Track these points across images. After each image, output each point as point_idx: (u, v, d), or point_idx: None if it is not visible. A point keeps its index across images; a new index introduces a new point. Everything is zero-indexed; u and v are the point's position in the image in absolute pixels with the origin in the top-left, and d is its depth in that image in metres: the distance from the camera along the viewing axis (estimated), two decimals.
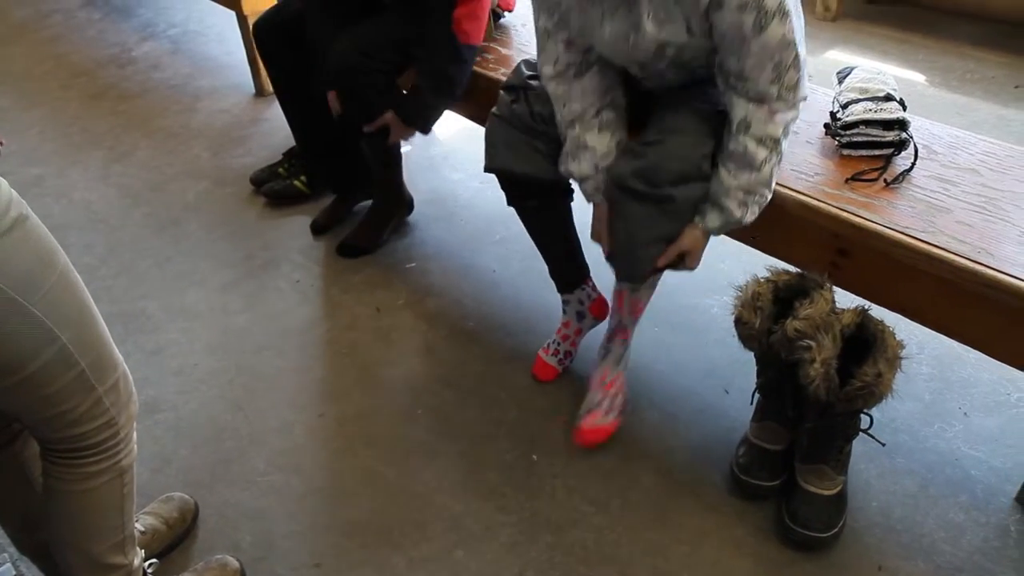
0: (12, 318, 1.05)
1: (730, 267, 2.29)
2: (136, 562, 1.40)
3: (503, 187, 1.83)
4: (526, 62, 1.81)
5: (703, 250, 1.67)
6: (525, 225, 1.88)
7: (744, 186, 1.56)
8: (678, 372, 1.99)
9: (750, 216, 1.60)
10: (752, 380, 1.71)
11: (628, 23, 1.50)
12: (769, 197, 1.59)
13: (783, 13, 1.38)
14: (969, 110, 3.08)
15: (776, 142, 1.53)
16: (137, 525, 1.54)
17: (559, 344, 1.99)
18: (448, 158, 2.87)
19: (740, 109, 1.51)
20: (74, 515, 1.28)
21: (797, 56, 1.44)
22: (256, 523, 1.70)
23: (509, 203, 1.85)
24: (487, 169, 1.77)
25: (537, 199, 1.82)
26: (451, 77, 2.10)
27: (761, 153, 1.53)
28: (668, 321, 2.12)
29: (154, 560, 1.53)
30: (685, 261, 1.67)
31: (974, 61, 3.40)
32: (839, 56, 3.46)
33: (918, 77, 3.31)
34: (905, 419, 1.83)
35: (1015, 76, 3.27)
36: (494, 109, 1.77)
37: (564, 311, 2.00)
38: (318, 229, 2.51)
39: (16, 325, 1.06)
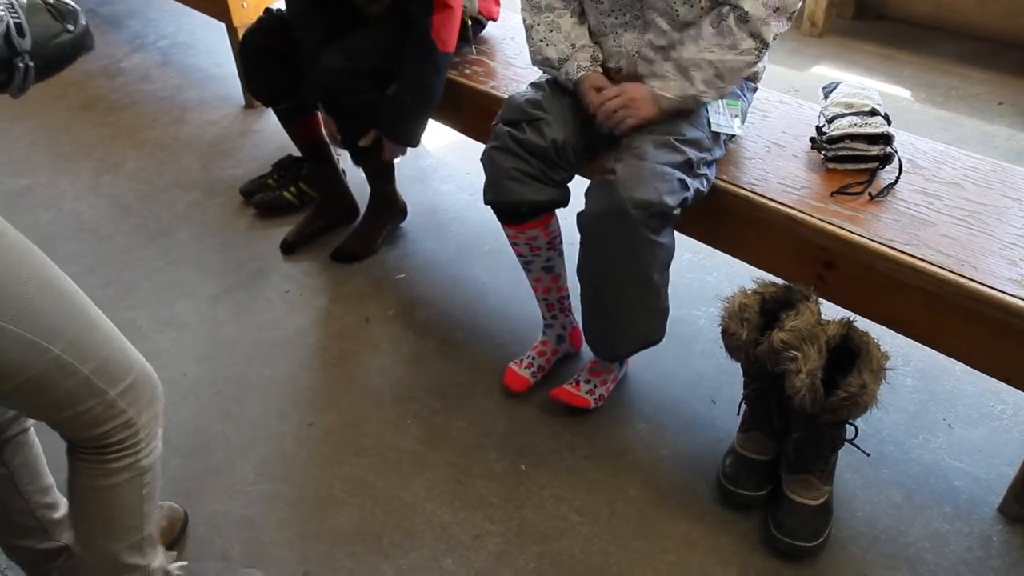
0: None
1: (717, 279, 2.31)
2: (155, 563, 1.39)
3: (502, 213, 1.80)
4: (520, 97, 1.78)
5: (641, 116, 1.64)
6: (516, 249, 1.88)
7: (716, 64, 1.60)
8: (665, 383, 2.00)
9: (708, 96, 1.64)
10: (739, 391, 1.73)
11: None
12: (724, 95, 1.65)
13: None
14: (954, 125, 3.12)
15: (764, 44, 1.60)
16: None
17: (533, 359, 2.00)
18: (438, 170, 2.88)
19: (747, 6, 1.56)
20: (94, 512, 1.28)
21: None
22: (245, 531, 1.69)
23: (505, 223, 1.83)
24: (491, 202, 1.76)
25: (533, 212, 1.80)
26: (431, 87, 2.13)
27: (748, 44, 1.59)
28: None
29: (184, 562, 1.53)
30: (618, 105, 1.65)
31: (959, 78, 3.45)
32: (825, 71, 3.50)
33: (903, 93, 3.35)
34: (890, 430, 1.84)
35: (999, 93, 3.32)
36: (491, 143, 1.75)
37: (544, 332, 2.02)
38: (287, 248, 2.50)
39: None
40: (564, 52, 1.73)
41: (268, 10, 2.32)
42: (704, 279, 2.31)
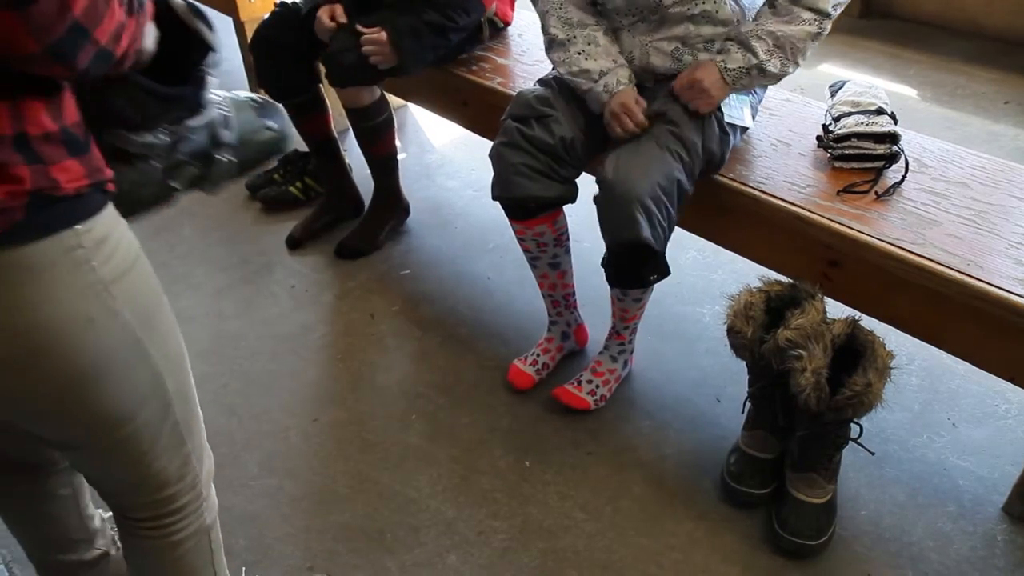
0: (134, 362, 0.96)
1: (722, 277, 2.31)
2: None
3: (509, 209, 1.80)
4: (530, 93, 1.78)
5: (717, 95, 1.65)
6: (523, 245, 1.88)
7: (776, 33, 1.61)
8: (670, 380, 2.00)
9: (774, 66, 1.63)
10: (743, 389, 1.73)
11: None
12: (792, 69, 1.64)
13: None
14: (959, 124, 3.11)
15: (824, 15, 1.61)
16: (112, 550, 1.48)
17: (538, 356, 2.00)
18: (443, 167, 2.88)
19: None
20: None
21: None
22: (250, 527, 1.70)
23: (512, 218, 1.83)
24: (498, 197, 1.75)
25: (543, 210, 1.79)
26: (453, 23, 2.13)
27: (806, 15, 1.60)
28: (660, 329, 2.13)
29: None
30: (692, 99, 1.64)
31: (965, 77, 3.44)
32: (832, 70, 3.50)
33: (910, 92, 3.34)
34: (895, 429, 1.84)
35: (1005, 92, 3.31)
36: (499, 139, 1.74)
37: (550, 329, 2.03)
38: (293, 244, 2.51)
39: (135, 370, 0.97)
40: (605, 66, 1.71)
41: (283, 3, 2.31)
42: (709, 277, 2.31)
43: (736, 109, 1.72)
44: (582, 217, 1.93)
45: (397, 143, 2.46)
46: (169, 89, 1.04)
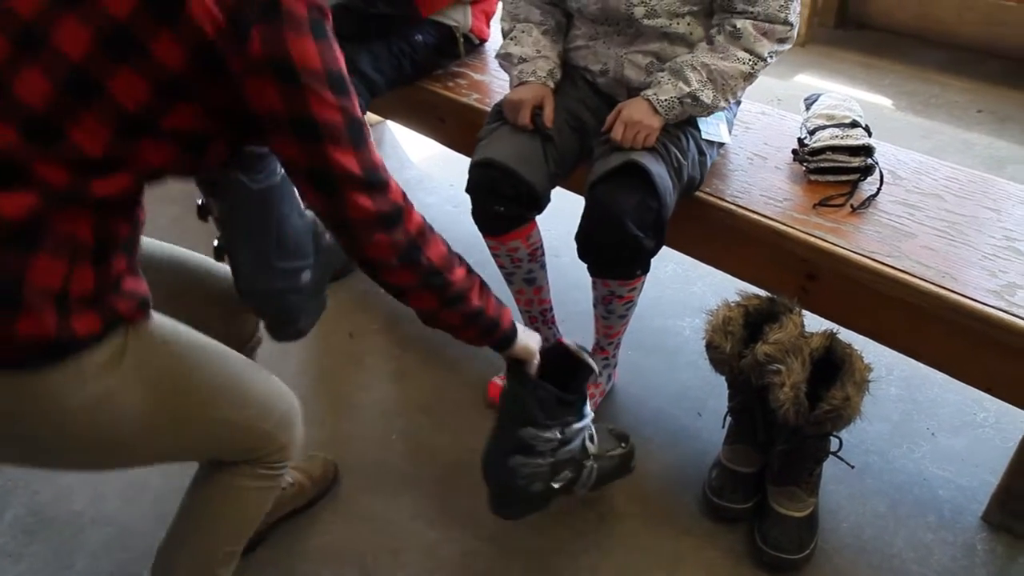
0: (172, 425, 1.10)
1: (701, 289, 2.32)
2: None
3: (483, 224, 1.78)
4: (485, 152, 1.73)
5: (654, 125, 1.61)
6: (497, 261, 1.87)
7: (710, 66, 1.62)
8: (652, 395, 2.00)
9: (707, 96, 1.62)
10: (724, 402, 1.73)
11: None
12: (723, 105, 1.65)
13: None
14: (934, 133, 3.15)
15: (759, 59, 1.62)
16: (287, 478, 1.59)
17: None
18: (422, 182, 2.88)
19: (738, 23, 1.59)
20: (217, 509, 1.28)
21: None
22: None
23: (476, 215, 1.77)
24: (476, 162, 1.72)
25: (505, 205, 1.72)
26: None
27: (741, 55, 1.61)
28: (641, 343, 2.13)
29: None
30: (631, 139, 1.61)
31: (939, 86, 3.48)
32: (808, 80, 3.53)
33: (885, 101, 3.38)
34: (874, 440, 1.85)
35: (978, 101, 3.36)
36: (468, 183, 1.74)
37: None
38: None
39: (173, 432, 1.11)
40: (527, 53, 1.77)
41: None
42: (688, 290, 2.32)
43: (712, 126, 1.73)
44: (560, 231, 1.93)
45: None
46: (566, 395, 1.43)
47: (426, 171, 2.95)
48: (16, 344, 0.89)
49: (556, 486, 1.52)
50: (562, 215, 1.93)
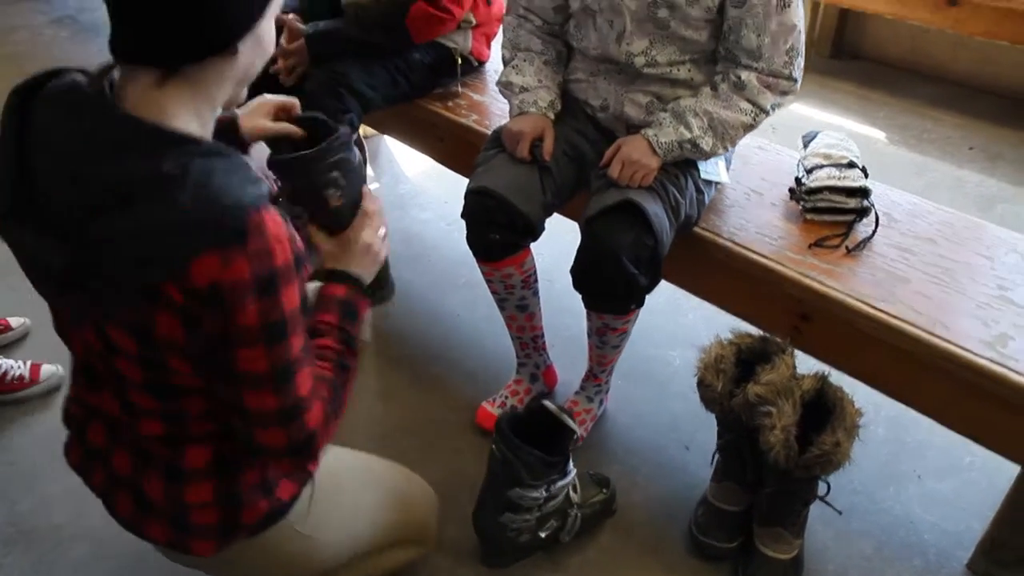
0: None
1: (693, 320, 2.31)
2: None
3: (477, 249, 1.77)
4: (482, 180, 1.72)
5: (652, 164, 1.61)
6: (490, 287, 1.87)
7: (712, 113, 1.62)
8: (639, 425, 2.00)
9: (706, 144, 1.62)
10: (713, 435, 1.73)
11: None
12: (721, 152, 1.66)
13: None
14: (926, 170, 3.17)
15: (761, 110, 1.62)
16: None
17: (507, 398, 1.98)
18: (416, 197, 2.87)
19: (742, 75, 1.60)
20: None
21: (802, 45, 1.59)
22: None
23: (471, 241, 1.77)
24: (472, 190, 1.71)
25: (500, 233, 1.72)
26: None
27: (744, 105, 1.61)
28: (631, 372, 2.13)
29: None
30: (628, 177, 1.61)
31: (932, 121, 3.51)
32: (802, 110, 3.55)
33: (878, 135, 3.40)
34: (861, 480, 1.85)
35: (970, 138, 3.38)
36: (465, 209, 1.74)
37: (518, 370, 2.01)
38: None
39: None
40: (528, 83, 1.77)
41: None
42: (680, 320, 2.32)
43: (711, 164, 1.73)
44: (553, 256, 1.93)
45: (369, 172, 2.44)
46: (551, 458, 1.52)
47: (420, 186, 2.94)
48: (244, 527, 1.09)
49: (543, 535, 1.62)
50: (556, 240, 1.93)
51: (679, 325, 2.30)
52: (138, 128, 0.88)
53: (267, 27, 0.97)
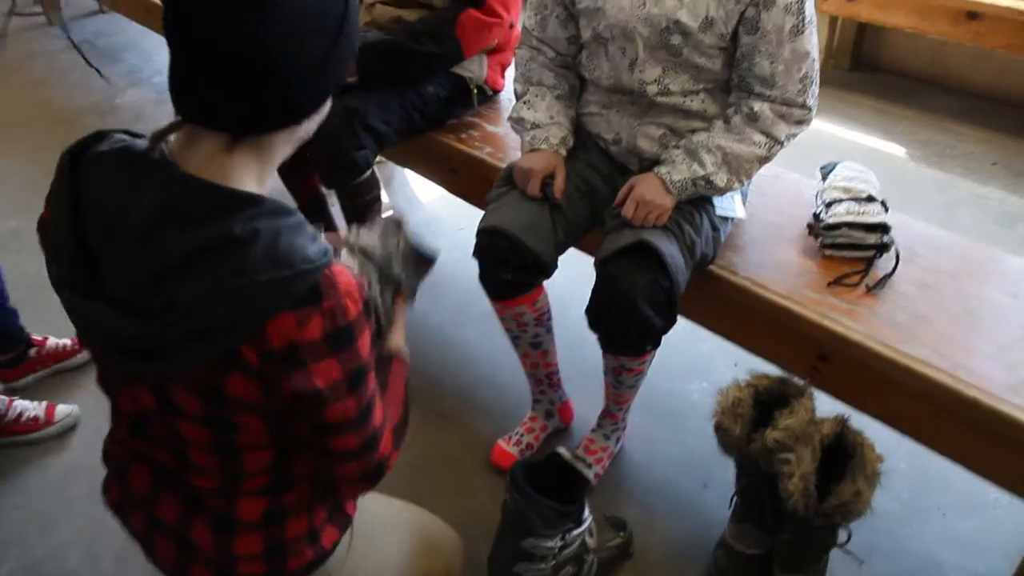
0: None
1: (709, 349, 2.28)
2: None
3: (484, 253, 1.72)
4: (494, 219, 1.71)
5: (666, 204, 1.59)
6: (504, 324, 1.85)
7: (725, 148, 1.59)
8: (656, 462, 1.97)
9: (720, 180, 1.60)
10: (731, 473, 1.70)
11: None
12: (736, 186, 1.64)
13: (813, 24, 1.55)
14: (948, 187, 3.12)
15: (775, 142, 1.60)
16: None
17: (522, 436, 1.97)
18: (430, 225, 2.86)
19: (755, 106, 1.58)
20: None
21: (816, 73, 1.58)
22: None
23: (483, 279, 1.76)
24: (483, 229, 1.70)
25: (512, 273, 1.70)
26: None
27: (757, 138, 1.59)
28: (648, 407, 2.10)
29: None
30: (642, 218, 1.59)
31: (954, 136, 3.45)
32: (821, 125, 3.50)
33: (898, 150, 3.35)
34: (883, 517, 1.81)
35: (993, 152, 3.33)
36: (476, 246, 1.73)
37: (533, 407, 2.00)
38: None
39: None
40: (540, 120, 1.75)
41: None
42: (696, 349, 2.29)
43: (727, 200, 1.71)
44: (569, 283, 1.90)
45: (384, 199, 2.43)
46: (566, 507, 1.50)
47: (435, 213, 2.93)
48: (289, 575, 1.09)
49: None
50: (573, 266, 1.90)
51: (697, 354, 2.27)
52: (207, 191, 0.88)
53: (329, 101, 0.99)
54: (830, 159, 1.97)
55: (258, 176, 0.95)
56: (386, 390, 1.11)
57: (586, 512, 1.58)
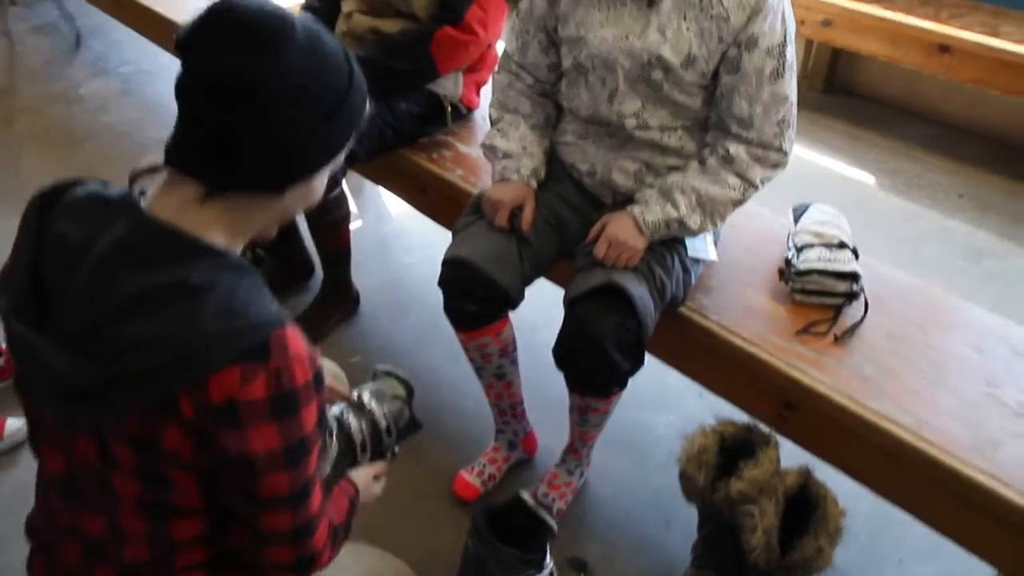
0: None
1: (676, 382, 2.26)
2: None
3: (448, 284, 1.70)
4: (460, 250, 1.69)
5: (639, 245, 1.58)
6: (467, 355, 1.83)
7: (700, 190, 1.58)
8: (620, 498, 1.96)
9: (694, 222, 1.59)
10: (694, 512, 1.69)
11: (639, 22, 1.54)
12: (710, 228, 1.63)
13: (794, 70, 1.53)
14: (916, 217, 3.15)
15: (750, 185, 1.59)
16: None
17: (484, 466, 1.95)
18: (400, 239, 2.82)
19: (731, 148, 1.56)
20: None
21: (794, 118, 1.58)
22: None
23: (447, 310, 1.74)
24: (448, 259, 1.68)
25: (476, 304, 1.68)
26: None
27: (732, 180, 1.58)
28: (613, 439, 2.08)
29: None
30: (614, 258, 1.58)
31: (922, 165, 3.48)
32: (794, 149, 3.51)
33: (868, 178, 3.37)
34: (844, 563, 1.81)
35: (959, 184, 3.36)
36: (441, 277, 1.71)
37: (496, 437, 1.98)
38: None
39: None
40: (512, 149, 1.73)
41: None
42: (664, 381, 2.28)
43: (700, 241, 1.69)
44: (537, 307, 1.88)
45: (353, 209, 2.39)
46: (527, 555, 1.51)
47: (405, 226, 2.89)
48: None
49: None
50: (542, 292, 1.87)
51: (663, 387, 2.26)
52: (171, 237, 0.88)
53: (319, 182, 0.98)
54: (801, 185, 1.96)
55: (228, 234, 0.94)
56: (329, 494, 1.06)
57: (548, 559, 1.56)
